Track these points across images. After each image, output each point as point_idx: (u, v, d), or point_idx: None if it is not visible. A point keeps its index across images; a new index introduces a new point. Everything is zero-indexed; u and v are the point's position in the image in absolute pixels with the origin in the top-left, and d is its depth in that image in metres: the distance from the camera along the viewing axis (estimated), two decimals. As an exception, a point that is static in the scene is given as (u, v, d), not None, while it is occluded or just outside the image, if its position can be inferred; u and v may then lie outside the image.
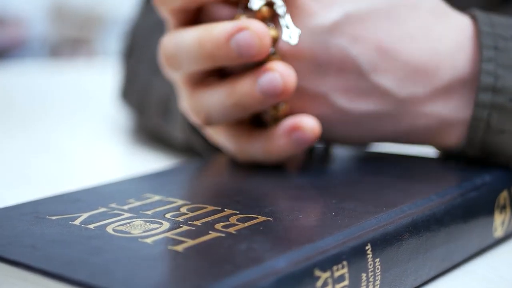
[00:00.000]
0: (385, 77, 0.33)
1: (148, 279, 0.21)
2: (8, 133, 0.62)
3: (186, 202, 0.29)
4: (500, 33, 0.33)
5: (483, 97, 0.33)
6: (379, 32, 0.33)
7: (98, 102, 0.76)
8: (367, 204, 0.28)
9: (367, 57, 0.33)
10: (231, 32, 0.32)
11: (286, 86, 0.32)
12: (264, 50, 0.32)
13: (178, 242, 0.24)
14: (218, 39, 0.32)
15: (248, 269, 0.21)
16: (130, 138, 0.56)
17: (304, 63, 0.33)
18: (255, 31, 0.31)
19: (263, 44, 0.32)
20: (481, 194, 0.31)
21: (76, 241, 0.24)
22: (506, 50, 0.33)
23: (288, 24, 0.32)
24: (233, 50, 0.32)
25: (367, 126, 0.35)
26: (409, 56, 0.33)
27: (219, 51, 0.32)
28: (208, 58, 0.33)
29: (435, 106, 0.34)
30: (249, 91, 0.33)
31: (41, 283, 0.22)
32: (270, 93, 0.32)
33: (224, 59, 0.32)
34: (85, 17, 2.65)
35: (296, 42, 0.32)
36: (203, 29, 0.33)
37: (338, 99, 0.34)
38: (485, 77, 0.33)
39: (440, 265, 0.28)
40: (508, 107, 0.32)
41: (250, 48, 0.31)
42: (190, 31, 0.33)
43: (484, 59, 0.33)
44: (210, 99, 0.34)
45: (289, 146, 0.34)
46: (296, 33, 0.32)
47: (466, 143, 0.34)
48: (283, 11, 0.33)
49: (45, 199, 0.30)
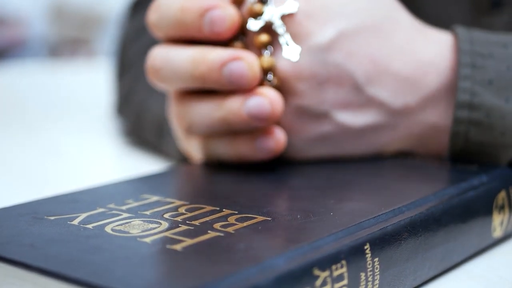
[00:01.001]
0: (379, 89, 0.34)
1: (147, 277, 0.21)
2: (7, 133, 0.62)
3: (184, 203, 0.29)
4: (479, 50, 0.34)
5: (460, 114, 0.34)
6: (370, 46, 0.34)
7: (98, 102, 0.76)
8: (365, 204, 0.28)
9: (362, 71, 0.34)
10: (226, 60, 0.33)
11: (274, 112, 0.33)
12: (254, 82, 0.33)
13: (176, 242, 0.24)
14: (212, 64, 0.33)
15: (247, 268, 0.21)
16: (129, 139, 0.56)
17: (304, 83, 0.34)
18: (248, 63, 0.33)
19: (254, 76, 0.33)
20: (479, 194, 0.31)
21: (75, 240, 0.24)
22: (483, 68, 0.34)
23: (288, 42, 0.33)
24: (225, 77, 0.33)
25: (366, 138, 0.36)
26: (399, 67, 0.35)
27: (211, 75, 0.33)
28: (198, 80, 0.34)
29: (426, 114, 0.35)
30: (236, 110, 0.33)
31: (39, 282, 0.22)
32: (257, 117, 0.33)
33: (215, 83, 0.33)
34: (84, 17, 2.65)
35: (297, 59, 0.33)
36: (198, 51, 0.34)
37: (339, 115, 0.35)
38: (461, 95, 0.34)
39: (439, 265, 0.28)
40: (485, 122, 0.34)
41: (241, 78, 0.33)
42: (184, 50, 0.34)
43: (461, 76, 0.34)
44: (196, 110, 0.35)
45: (254, 153, 0.34)
46: (297, 50, 0.33)
47: (449, 153, 0.35)
48: (283, 30, 0.34)
49: (44, 199, 0.30)
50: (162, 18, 0.35)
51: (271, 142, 0.34)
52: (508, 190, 0.33)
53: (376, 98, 0.35)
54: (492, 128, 0.34)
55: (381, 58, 0.34)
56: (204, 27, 0.33)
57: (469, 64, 0.34)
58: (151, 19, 0.36)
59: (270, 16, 0.34)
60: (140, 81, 0.53)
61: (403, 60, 0.35)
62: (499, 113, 0.34)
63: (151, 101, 0.49)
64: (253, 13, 0.34)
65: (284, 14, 0.34)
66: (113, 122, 0.62)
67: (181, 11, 0.34)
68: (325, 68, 0.34)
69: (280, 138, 0.34)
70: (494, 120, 0.34)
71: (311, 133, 0.35)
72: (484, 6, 0.44)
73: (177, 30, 0.34)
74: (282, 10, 0.33)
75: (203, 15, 0.33)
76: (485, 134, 0.34)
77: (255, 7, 0.34)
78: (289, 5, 0.33)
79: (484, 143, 0.34)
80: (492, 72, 0.34)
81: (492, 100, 0.34)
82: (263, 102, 0.33)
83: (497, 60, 0.34)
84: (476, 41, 0.35)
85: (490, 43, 0.35)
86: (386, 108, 0.35)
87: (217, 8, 0.33)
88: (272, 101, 0.33)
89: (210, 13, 0.33)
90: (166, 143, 0.46)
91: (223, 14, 0.33)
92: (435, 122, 0.35)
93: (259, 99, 0.33)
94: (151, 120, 0.49)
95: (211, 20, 0.33)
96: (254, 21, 0.34)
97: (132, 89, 0.54)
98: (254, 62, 0.33)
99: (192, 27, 0.34)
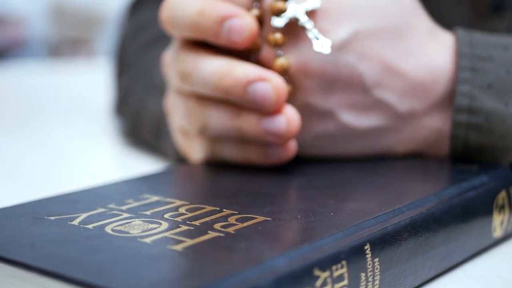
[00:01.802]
0: (386, 92, 0.34)
1: (147, 278, 0.21)
2: (7, 133, 0.62)
3: (184, 203, 0.29)
4: (479, 53, 0.34)
5: (459, 118, 0.34)
6: (383, 49, 0.34)
7: (98, 102, 0.76)
8: (366, 204, 0.28)
9: (372, 73, 0.34)
10: (252, 79, 0.32)
11: (290, 131, 0.33)
12: (277, 106, 0.32)
13: (177, 242, 0.24)
14: (238, 80, 0.33)
15: (247, 268, 0.21)
16: (128, 139, 0.56)
17: (313, 80, 0.34)
18: (275, 86, 0.32)
19: (279, 100, 0.32)
20: (479, 194, 0.31)
21: (75, 240, 0.24)
22: (483, 71, 0.34)
23: (317, 36, 0.33)
24: (249, 96, 0.32)
25: (369, 140, 0.36)
26: (408, 71, 0.34)
27: (235, 91, 0.33)
28: (221, 91, 0.33)
29: (431, 119, 0.35)
30: (253, 124, 0.33)
31: (39, 282, 0.22)
32: (273, 134, 0.33)
33: (238, 98, 0.33)
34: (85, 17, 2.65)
35: (329, 51, 0.33)
36: (226, 63, 0.33)
37: (343, 115, 0.35)
38: (460, 99, 0.34)
39: (440, 265, 0.28)
40: (484, 126, 0.34)
41: (265, 100, 0.32)
42: (212, 60, 0.34)
43: (459, 80, 0.34)
44: (213, 114, 0.35)
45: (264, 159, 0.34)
46: (328, 43, 0.33)
47: (449, 156, 0.35)
48: (311, 25, 0.33)
49: (43, 199, 0.30)
50: (177, 17, 0.34)
51: (282, 150, 0.34)
52: (508, 190, 0.33)
53: (382, 101, 0.34)
54: (492, 132, 0.34)
55: (391, 61, 0.34)
56: (222, 34, 0.33)
57: (469, 67, 0.34)
58: (164, 16, 0.35)
59: (294, 13, 0.33)
60: (138, 81, 0.53)
61: (414, 65, 0.34)
62: (499, 117, 0.34)
63: (149, 101, 0.49)
64: (276, 11, 0.34)
65: (308, 10, 0.33)
66: (113, 122, 0.62)
67: (199, 14, 0.33)
68: (336, 67, 0.34)
69: (291, 146, 0.34)
70: (494, 124, 0.34)
71: (314, 131, 0.35)
72: (484, 11, 0.44)
73: (193, 32, 0.34)
74: (305, 6, 0.33)
75: (222, 22, 0.33)
76: (484, 137, 0.34)
77: (278, 4, 0.33)
78: (312, 1, 0.33)
79: (484, 146, 0.34)
80: (491, 75, 0.34)
81: (491, 104, 0.34)
82: (281, 121, 0.33)
83: (496, 63, 0.34)
84: (476, 44, 0.35)
85: (490, 46, 0.35)
86: (391, 111, 0.35)
87: (237, 17, 0.33)
88: (289, 120, 0.33)
89: (229, 21, 0.33)
90: (164, 143, 0.46)
91: (242, 23, 0.33)
92: (440, 126, 0.35)
93: (277, 116, 0.33)
94: (149, 120, 0.49)
95: (230, 29, 0.33)
96: (278, 19, 0.34)
97: (130, 89, 0.54)
98: (280, 85, 0.32)
99: (209, 32, 0.33)
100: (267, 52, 0.34)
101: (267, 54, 0.34)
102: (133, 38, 0.57)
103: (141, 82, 0.52)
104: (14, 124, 0.67)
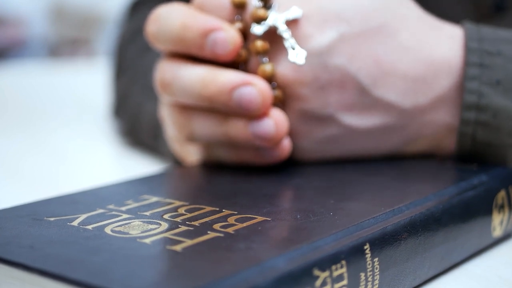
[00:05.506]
0: (386, 91, 0.34)
1: (147, 278, 0.21)
2: (7, 133, 0.62)
3: (184, 203, 0.29)
4: (487, 48, 0.34)
5: (467, 115, 0.34)
6: (374, 47, 0.34)
7: (97, 102, 0.76)
8: (365, 204, 0.28)
9: (366, 72, 0.34)
10: (236, 84, 0.32)
11: (278, 133, 0.33)
12: (264, 109, 0.32)
13: (176, 242, 0.24)
14: (222, 87, 0.33)
15: (247, 268, 0.21)
16: (127, 140, 0.56)
17: (307, 87, 0.34)
18: (260, 89, 0.32)
19: (264, 102, 0.32)
20: (478, 194, 0.31)
21: (74, 241, 0.24)
22: (491, 67, 0.34)
23: (293, 46, 0.33)
24: (234, 101, 0.32)
25: (375, 140, 0.35)
26: (406, 67, 0.34)
27: (220, 97, 0.33)
28: (206, 99, 0.33)
29: (438, 114, 0.35)
30: (241, 129, 0.33)
31: (39, 283, 0.22)
32: (261, 137, 0.33)
33: (223, 106, 0.33)
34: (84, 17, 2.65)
35: (303, 62, 0.33)
36: (208, 71, 0.33)
37: (344, 117, 0.34)
38: (468, 96, 0.34)
39: (439, 265, 0.28)
40: (492, 123, 0.34)
41: (250, 103, 0.32)
42: (193, 69, 0.34)
43: (468, 77, 0.34)
44: (199, 123, 0.35)
45: (258, 159, 0.34)
46: (303, 54, 0.33)
47: (457, 154, 0.35)
48: (288, 34, 0.33)
49: (43, 201, 0.30)
50: (161, 31, 0.34)
51: (276, 151, 0.34)
52: (508, 189, 0.33)
53: (383, 99, 0.34)
54: (499, 129, 0.34)
55: (386, 59, 0.34)
56: (206, 47, 0.33)
57: (477, 63, 0.34)
58: (150, 30, 0.35)
59: (274, 21, 0.33)
60: (136, 83, 0.53)
61: (411, 59, 0.34)
62: (506, 114, 0.33)
63: (147, 103, 0.49)
64: (257, 18, 0.34)
65: (289, 19, 0.33)
66: (112, 123, 0.62)
67: (182, 28, 0.33)
68: (327, 71, 0.33)
69: (285, 145, 0.34)
70: (501, 121, 0.34)
71: (317, 136, 0.35)
72: (487, 10, 0.44)
73: (177, 46, 0.34)
74: (286, 15, 0.33)
75: (205, 35, 0.33)
76: (492, 135, 0.34)
77: (259, 12, 0.33)
78: (294, 10, 0.33)
79: (492, 144, 0.34)
80: (500, 71, 0.34)
81: (499, 101, 0.33)
82: (269, 124, 0.33)
83: (505, 58, 0.34)
84: (484, 39, 0.34)
85: (498, 40, 0.34)
86: (395, 109, 0.34)
87: (220, 30, 0.33)
88: (277, 122, 0.33)
89: (213, 34, 0.33)
90: (162, 145, 0.46)
91: (226, 36, 0.33)
92: (448, 121, 0.35)
93: (265, 120, 0.33)
94: (147, 122, 0.49)
95: (214, 42, 0.33)
96: (258, 26, 0.34)
97: (128, 91, 0.54)
98: (265, 89, 0.32)
99: (193, 45, 0.33)
100: (254, 62, 0.34)
101: (254, 64, 0.34)
102: (131, 40, 0.57)
103: (139, 85, 0.52)
104: (14, 124, 0.67)
